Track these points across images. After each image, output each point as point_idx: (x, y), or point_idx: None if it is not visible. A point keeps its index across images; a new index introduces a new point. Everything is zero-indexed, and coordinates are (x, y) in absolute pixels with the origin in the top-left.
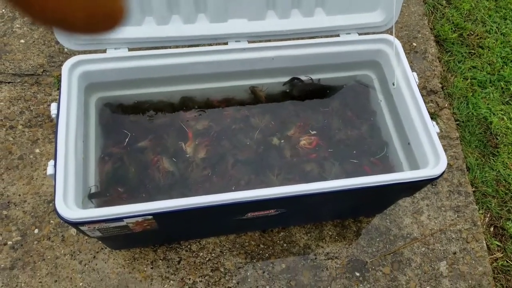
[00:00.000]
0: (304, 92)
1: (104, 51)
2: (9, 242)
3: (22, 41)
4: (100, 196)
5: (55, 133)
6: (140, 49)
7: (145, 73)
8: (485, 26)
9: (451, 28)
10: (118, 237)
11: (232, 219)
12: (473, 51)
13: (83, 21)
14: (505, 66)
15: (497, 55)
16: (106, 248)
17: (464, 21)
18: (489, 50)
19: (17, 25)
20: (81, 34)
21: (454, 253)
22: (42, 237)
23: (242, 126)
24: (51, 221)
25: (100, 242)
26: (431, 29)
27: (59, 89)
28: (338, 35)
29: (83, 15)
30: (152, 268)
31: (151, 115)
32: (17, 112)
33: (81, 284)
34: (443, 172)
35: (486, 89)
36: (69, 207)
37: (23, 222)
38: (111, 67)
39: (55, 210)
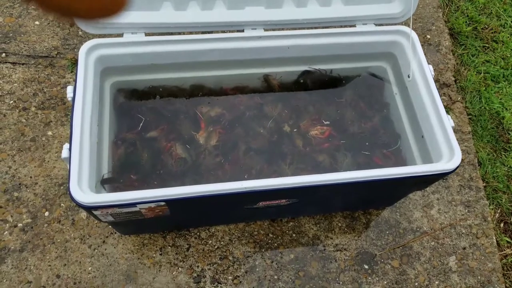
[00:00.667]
0: (318, 82)
1: (121, 35)
2: (20, 224)
3: (37, 22)
4: (112, 182)
5: (71, 116)
6: (156, 34)
7: (161, 58)
8: (500, 20)
9: (466, 21)
10: (129, 223)
11: (243, 208)
12: (487, 45)
13: (86, 5)
14: None
15: (511, 49)
16: (115, 233)
17: (479, 15)
18: (503, 44)
19: (33, 7)
20: (85, 19)
21: (464, 248)
22: (53, 220)
23: (255, 114)
24: (62, 204)
25: (110, 227)
26: (445, 21)
27: (73, 71)
28: (354, 25)
29: (89, 2)
30: (161, 254)
31: (165, 101)
32: (31, 94)
33: (90, 268)
34: (457, 167)
35: (499, 83)
36: (83, 191)
37: (34, 204)
38: (128, 52)
39: (69, 193)
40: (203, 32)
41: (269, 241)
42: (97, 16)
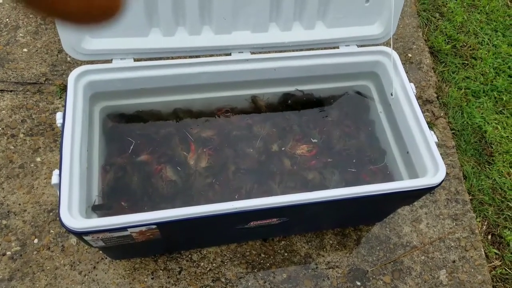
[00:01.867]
0: (305, 102)
1: (110, 61)
2: (8, 253)
3: (25, 50)
4: (104, 208)
5: (61, 142)
6: (145, 59)
7: (150, 83)
8: (477, 38)
9: (445, 40)
10: (120, 247)
11: (234, 228)
12: (466, 62)
13: (80, 9)
14: (498, 77)
15: (489, 65)
16: (106, 258)
17: (457, 33)
18: (481, 61)
19: (21, 34)
20: (78, 25)
21: (454, 262)
22: (42, 247)
23: (244, 135)
24: (51, 231)
25: (100, 252)
26: (425, 40)
27: (62, 97)
28: (337, 47)
29: (80, 4)
30: (152, 278)
31: (154, 124)
32: (19, 120)
33: None
34: (442, 181)
35: (480, 98)
36: (74, 216)
37: (23, 231)
38: (117, 77)
39: (59, 219)
40: (191, 56)
41: (261, 261)
42: (92, 21)
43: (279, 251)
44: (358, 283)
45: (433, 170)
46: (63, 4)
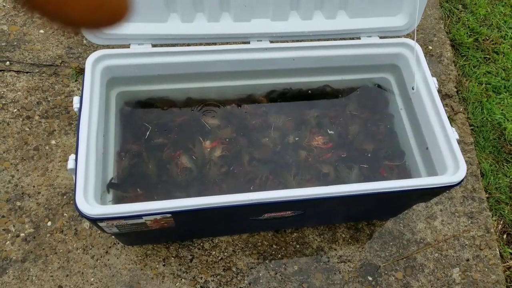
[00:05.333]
0: (323, 93)
1: (128, 46)
2: (22, 234)
3: (41, 31)
4: (119, 188)
5: (77, 127)
6: (163, 45)
7: (167, 69)
8: (501, 32)
9: (467, 33)
10: (133, 234)
11: (248, 219)
12: (488, 56)
13: (87, 15)
14: None
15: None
16: (118, 243)
17: (480, 26)
18: (504, 55)
19: (37, 16)
20: (86, 28)
21: (467, 260)
22: (55, 230)
23: (260, 125)
24: (65, 214)
25: (113, 237)
26: (447, 33)
27: (77, 80)
28: (359, 38)
29: (87, 9)
30: (164, 265)
31: (170, 111)
32: (34, 102)
33: (92, 279)
34: (462, 180)
35: (500, 94)
36: (89, 203)
37: (37, 214)
38: (134, 63)
39: (75, 205)
40: (209, 44)
41: (273, 252)
42: (101, 25)
43: (291, 242)
44: (370, 278)
45: (453, 168)
46: (70, 9)
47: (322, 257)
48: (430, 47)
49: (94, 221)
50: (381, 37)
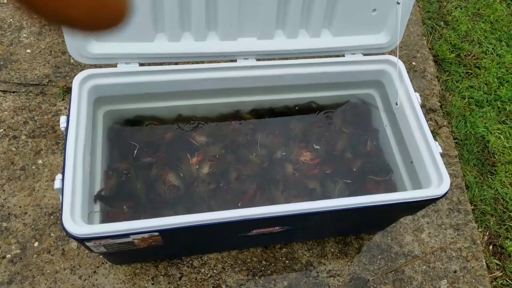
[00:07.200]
0: (309, 109)
1: (115, 65)
2: (8, 256)
3: (28, 50)
4: (106, 202)
5: (64, 147)
6: (150, 64)
7: (154, 87)
8: (482, 47)
9: (449, 49)
10: (121, 253)
11: (236, 236)
12: (470, 71)
13: (86, 17)
14: (501, 86)
15: (493, 75)
16: (107, 262)
17: (462, 42)
18: (485, 70)
19: (24, 35)
20: (85, 32)
21: (455, 272)
22: (42, 251)
23: (247, 142)
24: (52, 234)
25: (101, 256)
26: (429, 49)
27: (64, 99)
28: (343, 55)
29: (87, 11)
30: (153, 284)
31: (158, 129)
32: (21, 122)
33: None
34: (446, 193)
35: (483, 108)
36: (76, 222)
37: (23, 234)
38: (121, 82)
39: (62, 225)
40: (196, 62)
41: (262, 268)
42: (100, 28)
43: (280, 258)
44: None
45: (437, 181)
46: (69, 10)
47: (312, 272)
48: (414, 63)
49: (82, 241)
50: (365, 54)
